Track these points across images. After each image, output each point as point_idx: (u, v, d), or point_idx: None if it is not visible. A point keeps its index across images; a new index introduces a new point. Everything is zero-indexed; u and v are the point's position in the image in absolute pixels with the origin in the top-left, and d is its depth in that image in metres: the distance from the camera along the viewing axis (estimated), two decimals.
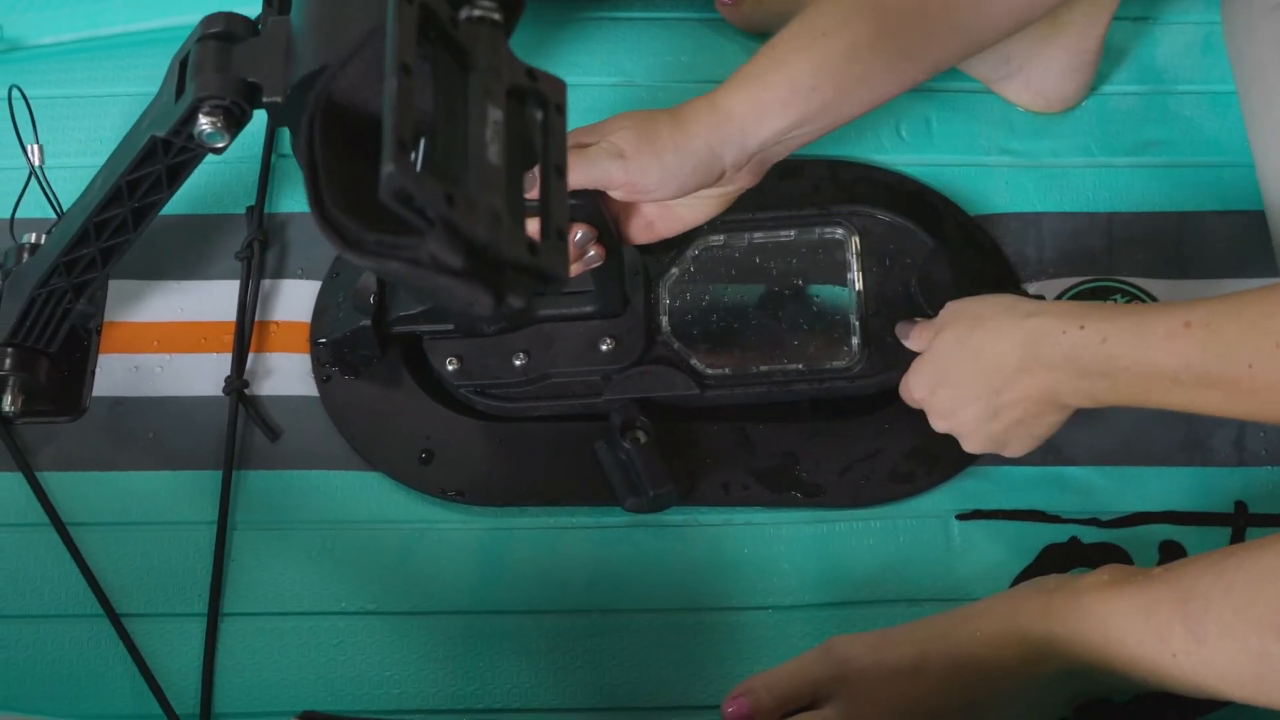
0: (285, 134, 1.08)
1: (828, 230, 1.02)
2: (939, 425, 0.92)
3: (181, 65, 0.84)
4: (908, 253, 1.00)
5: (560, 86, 0.74)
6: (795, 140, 0.87)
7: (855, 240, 1.01)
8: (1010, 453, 0.90)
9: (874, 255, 1.00)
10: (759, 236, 1.02)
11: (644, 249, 1.00)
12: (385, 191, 0.64)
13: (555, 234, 0.70)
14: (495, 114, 0.69)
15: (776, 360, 0.99)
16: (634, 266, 0.99)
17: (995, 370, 0.86)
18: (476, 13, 0.71)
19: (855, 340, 0.99)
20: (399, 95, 0.65)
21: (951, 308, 0.90)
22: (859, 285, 1.00)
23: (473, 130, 0.68)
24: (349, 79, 0.72)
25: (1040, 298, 0.99)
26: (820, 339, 0.99)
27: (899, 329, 0.96)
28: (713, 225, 1.01)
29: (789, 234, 1.02)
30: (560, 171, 0.72)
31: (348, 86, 0.72)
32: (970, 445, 0.91)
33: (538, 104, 0.73)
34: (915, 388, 0.92)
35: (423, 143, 0.69)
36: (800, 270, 1.01)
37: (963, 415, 0.89)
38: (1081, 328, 0.82)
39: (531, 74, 0.73)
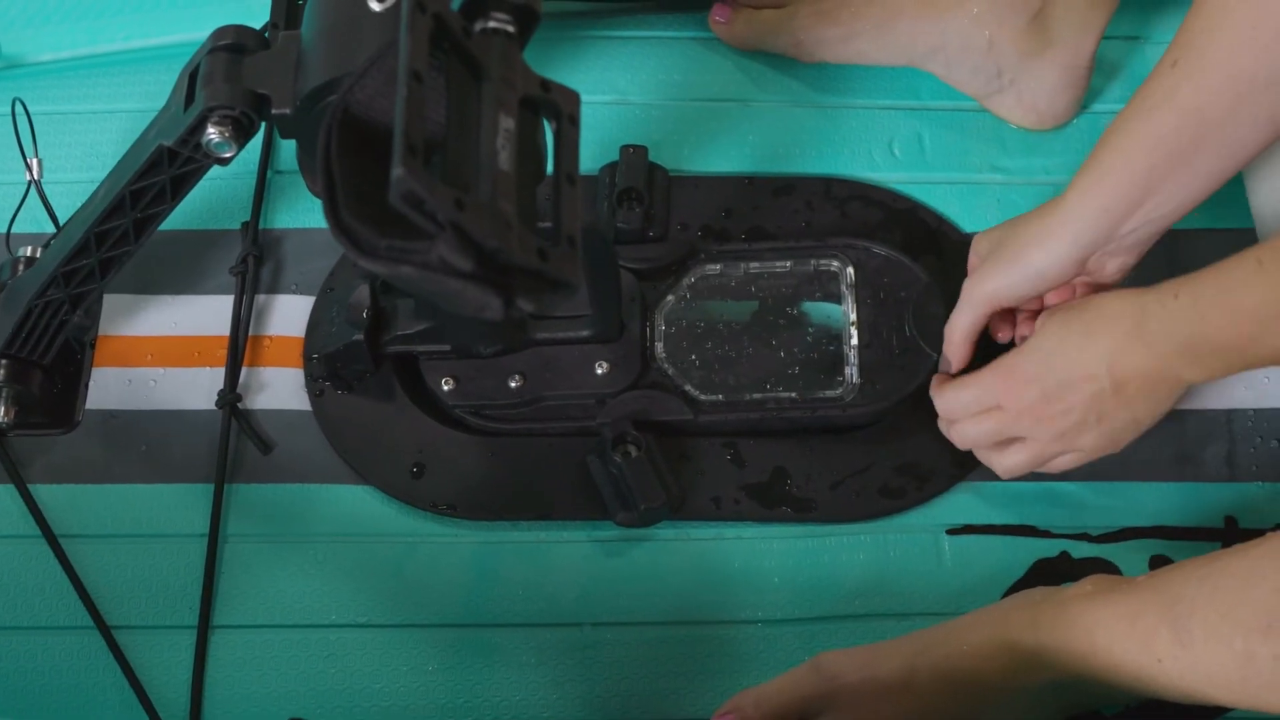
0: (281, 150, 1.09)
1: (823, 262, 1.02)
2: (1028, 420, 0.89)
3: (191, 76, 0.85)
4: (902, 286, 1.01)
5: (574, 98, 0.75)
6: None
7: (850, 272, 1.02)
8: (1112, 448, 0.89)
9: (869, 287, 1.01)
10: (754, 266, 1.03)
11: (641, 275, 1.00)
12: (395, 194, 0.65)
13: (566, 240, 0.71)
14: (507, 122, 0.71)
15: (770, 388, 0.99)
16: (631, 292, 0.99)
17: (1105, 349, 0.84)
18: (491, 24, 0.73)
19: (849, 370, 0.99)
20: (410, 101, 0.66)
21: (1049, 311, 0.90)
22: (853, 317, 1.00)
23: (484, 138, 0.70)
24: (365, 90, 0.73)
25: None
26: (814, 368, 1.00)
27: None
28: (709, 254, 1.02)
29: (784, 264, 1.03)
30: (572, 180, 0.73)
31: (364, 98, 0.73)
32: (1062, 441, 0.89)
33: (551, 114, 0.74)
34: (1009, 383, 0.89)
35: (436, 154, 0.70)
36: (795, 300, 1.02)
37: (1070, 399, 0.86)
38: (1176, 297, 0.81)
39: (545, 85, 0.74)
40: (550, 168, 0.76)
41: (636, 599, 0.95)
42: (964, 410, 0.92)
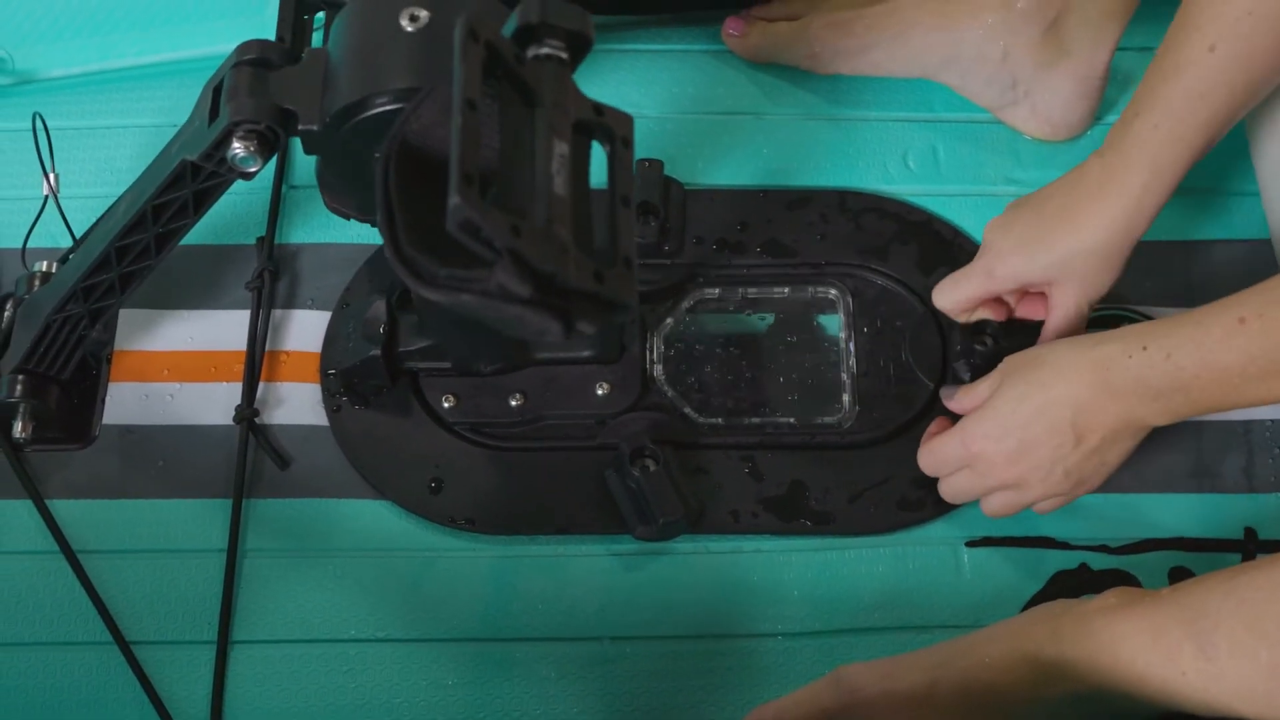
0: (296, 165, 1.09)
1: (821, 289, 1.03)
2: (1003, 475, 0.90)
3: (215, 91, 0.85)
4: (899, 315, 1.02)
5: (627, 120, 0.76)
6: None
7: (848, 300, 1.02)
8: (1086, 489, 0.90)
9: (866, 315, 1.02)
10: (753, 291, 1.03)
11: (641, 297, 1.01)
12: (452, 223, 0.66)
13: (622, 262, 0.72)
14: (561, 148, 0.71)
15: (768, 413, 1.00)
16: (631, 314, 1.00)
17: (1066, 403, 0.86)
18: (544, 50, 0.73)
19: (846, 397, 1.00)
20: (465, 131, 0.66)
21: (1009, 360, 0.91)
22: (851, 345, 1.01)
23: (539, 163, 0.70)
24: (421, 121, 0.73)
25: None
26: (811, 395, 1.00)
27: (944, 393, 0.96)
28: (708, 278, 1.03)
29: (783, 290, 1.03)
30: (626, 201, 0.74)
31: (420, 128, 0.73)
32: (1039, 489, 0.90)
33: (605, 138, 0.75)
34: (974, 440, 0.90)
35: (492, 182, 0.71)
36: (793, 326, 1.02)
37: (1035, 456, 0.89)
38: (1144, 349, 0.83)
39: (598, 109, 0.75)
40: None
41: (656, 613, 0.95)
42: (942, 468, 0.94)
